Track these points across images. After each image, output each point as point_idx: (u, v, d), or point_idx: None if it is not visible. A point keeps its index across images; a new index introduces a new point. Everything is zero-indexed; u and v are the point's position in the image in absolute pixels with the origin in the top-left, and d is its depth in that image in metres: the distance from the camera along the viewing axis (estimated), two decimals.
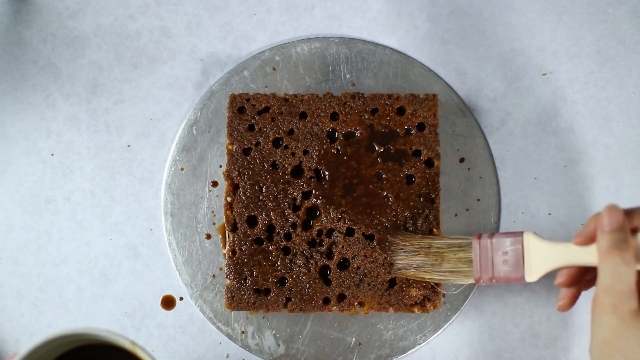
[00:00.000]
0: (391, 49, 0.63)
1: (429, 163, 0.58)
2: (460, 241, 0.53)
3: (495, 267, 0.50)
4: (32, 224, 0.62)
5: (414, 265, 0.54)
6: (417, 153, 0.58)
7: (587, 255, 0.46)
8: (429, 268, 0.53)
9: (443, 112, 0.61)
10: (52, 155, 0.62)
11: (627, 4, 0.63)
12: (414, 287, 0.56)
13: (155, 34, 0.63)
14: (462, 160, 0.61)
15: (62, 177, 0.62)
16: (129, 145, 0.62)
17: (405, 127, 0.58)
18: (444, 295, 0.59)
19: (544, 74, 0.63)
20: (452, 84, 0.62)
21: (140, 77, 0.63)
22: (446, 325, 0.59)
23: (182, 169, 0.61)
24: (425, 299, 0.56)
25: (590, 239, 0.45)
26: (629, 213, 0.43)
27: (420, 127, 0.58)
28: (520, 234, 0.50)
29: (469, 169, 0.61)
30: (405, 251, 0.55)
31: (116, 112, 0.63)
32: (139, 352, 0.45)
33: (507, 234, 0.51)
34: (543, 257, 0.48)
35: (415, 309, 0.56)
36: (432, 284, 0.56)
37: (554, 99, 0.63)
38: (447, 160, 0.61)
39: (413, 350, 0.59)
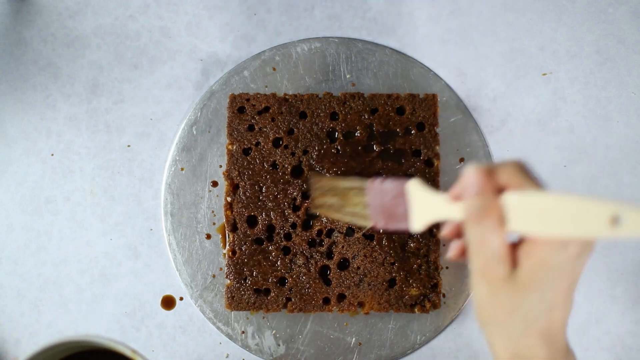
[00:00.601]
0: (391, 49, 0.63)
1: (428, 163, 0.58)
2: (358, 184, 0.51)
3: (386, 213, 0.48)
4: (32, 224, 0.62)
5: (327, 204, 0.53)
6: (416, 153, 0.58)
7: (461, 212, 0.42)
8: (337, 208, 0.52)
9: (443, 112, 0.61)
10: (52, 155, 0.62)
11: (627, 4, 0.63)
12: (414, 287, 0.56)
13: (155, 34, 0.63)
14: (462, 160, 0.61)
15: (62, 177, 0.62)
16: (129, 145, 0.62)
17: (405, 127, 0.58)
18: (444, 295, 0.59)
19: (544, 74, 0.63)
20: (452, 84, 0.62)
21: (140, 77, 0.63)
22: (446, 326, 0.59)
23: (182, 169, 0.61)
24: (425, 299, 0.56)
25: (460, 197, 0.42)
26: (492, 171, 0.40)
27: (420, 127, 0.58)
28: (405, 181, 0.47)
29: None
30: (321, 191, 0.54)
31: (116, 112, 0.63)
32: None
33: (399, 180, 0.48)
34: (426, 207, 0.46)
35: (415, 309, 0.56)
36: (431, 284, 0.56)
37: (554, 99, 0.63)
38: (447, 160, 0.61)
39: (413, 350, 0.59)
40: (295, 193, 0.57)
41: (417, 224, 0.47)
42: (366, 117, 0.58)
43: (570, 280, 0.40)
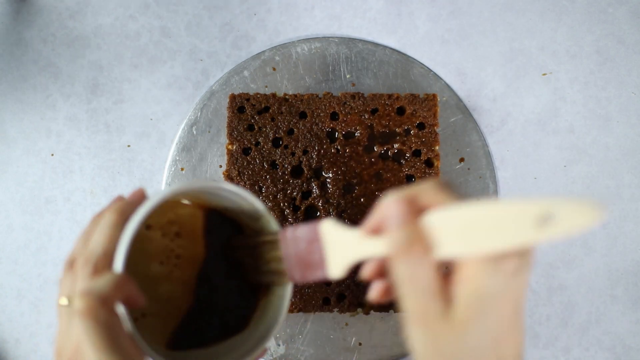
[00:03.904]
0: (391, 49, 0.63)
1: (428, 163, 0.58)
2: (270, 237, 0.44)
3: (302, 264, 0.42)
4: (32, 224, 0.62)
5: (245, 269, 0.47)
6: (417, 153, 0.58)
7: (381, 246, 0.37)
8: (253, 270, 0.46)
9: (443, 112, 0.61)
10: (52, 155, 0.62)
11: (627, 4, 0.63)
12: None
13: (155, 34, 0.63)
14: (462, 160, 0.61)
15: (62, 177, 0.62)
16: (129, 145, 0.62)
17: (405, 127, 0.58)
18: None
19: (544, 74, 0.63)
20: (452, 84, 0.62)
21: (140, 77, 0.63)
22: None
23: (182, 169, 0.61)
24: None
25: (378, 230, 0.37)
26: (413, 197, 0.35)
27: (420, 127, 0.58)
28: (317, 224, 0.41)
29: (468, 169, 0.61)
30: (239, 255, 0.47)
31: (116, 112, 0.63)
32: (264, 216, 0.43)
33: (312, 224, 0.42)
34: (343, 249, 0.40)
35: None
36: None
37: (554, 99, 0.63)
38: (447, 160, 0.61)
39: None
40: (295, 193, 0.57)
41: (336, 269, 0.41)
42: (366, 117, 0.58)
43: (513, 304, 0.33)
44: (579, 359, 0.60)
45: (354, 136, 0.58)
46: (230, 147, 0.58)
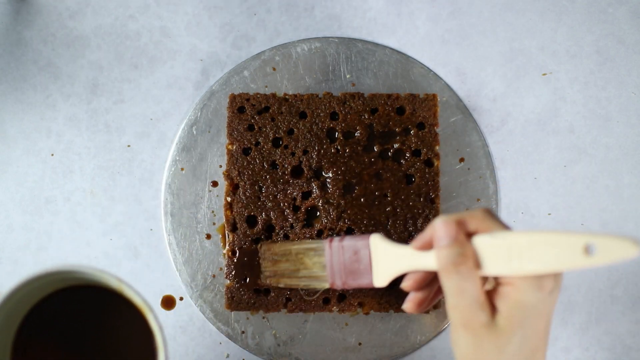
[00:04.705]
0: (391, 49, 0.63)
1: (428, 163, 0.58)
2: (315, 245, 0.52)
3: (346, 271, 0.49)
4: (32, 224, 0.62)
5: (278, 272, 0.54)
6: (416, 153, 0.58)
7: (429, 260, 0.44)
8: (290, 274, 0.53)
9: (443, 112, 0.61)
10: (52, 155, 0.62)
11: (627, 4, 0.63)
12: None
13: (155, 34, 0.63)
14: (462, 160, 0.61)
15: (62, 177, 0.62)
16: (129, 145, 0.62)
17: (405, 127, 0.58)
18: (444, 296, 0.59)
19: (544, 74, 0.63)
20: (452, 84, 0.62)
21: (140, 77, 0.63)
22: (446, 326, 0.59)
23: (182, 169, 0.61)
24: None
25: (429, 245, 0.43)
26: (461, 220, 0.41)
27: (420, 126, 0.58)
28: (368, 237, 0.49)
29: (468, 169, 0.61)
30: (271, 259, 0.55)
31: (116, 112, 0.63)
32: (125, 290, 0.45)
33: (358, 237, 0.50)
34: (390, 261, 0.47)
35: None
36: None
37: (554, 99, 0.63)
38: (447, 160, 0.61)
39: (413, 350, 0.59)
40: (295, 193, 0.57)
41: (382, 278, 0.48)
42: (366, 117, 0.58)
43: (547, 318, 0.39)
44: (579, 359, 0.60)
45: (354, 136, 0.58)
46: (230, 147, 0.58)
